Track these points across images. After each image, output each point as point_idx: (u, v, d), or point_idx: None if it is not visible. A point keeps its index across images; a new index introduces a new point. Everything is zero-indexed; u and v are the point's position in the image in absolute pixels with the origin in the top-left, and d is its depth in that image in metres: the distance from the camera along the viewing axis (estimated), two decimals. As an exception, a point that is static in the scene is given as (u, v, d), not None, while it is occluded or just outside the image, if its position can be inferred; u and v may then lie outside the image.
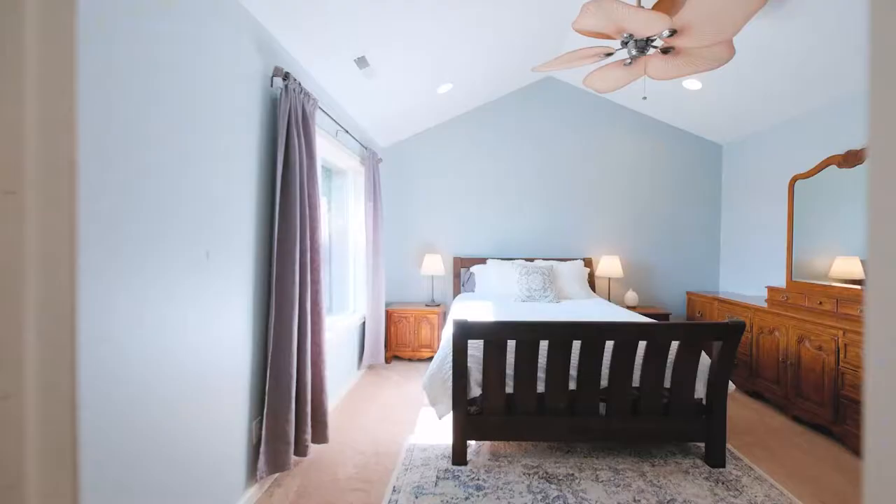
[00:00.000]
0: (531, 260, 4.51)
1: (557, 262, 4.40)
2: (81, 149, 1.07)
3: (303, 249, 2.29)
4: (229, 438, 1.86)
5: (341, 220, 4.03)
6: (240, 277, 1.92)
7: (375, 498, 2.10)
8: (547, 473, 2.30)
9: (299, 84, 2.29)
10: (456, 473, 2.30)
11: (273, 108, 2.24)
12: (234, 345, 1.88)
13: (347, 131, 3.32)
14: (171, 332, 1.47)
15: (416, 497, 2.09)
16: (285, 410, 2.10)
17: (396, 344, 4.38)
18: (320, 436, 2.41)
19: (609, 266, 4.45)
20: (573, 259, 4.58)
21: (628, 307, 4.31)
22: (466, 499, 2.07)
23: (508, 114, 4.68)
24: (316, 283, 2.41)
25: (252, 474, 2.04)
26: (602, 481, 2.22)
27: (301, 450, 2.26)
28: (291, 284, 2.15)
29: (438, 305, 4.50)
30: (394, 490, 2.15)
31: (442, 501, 2.05)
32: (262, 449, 2.05)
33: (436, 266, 4.46)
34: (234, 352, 1.89)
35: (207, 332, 1.68)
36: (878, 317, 0.35)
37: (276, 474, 2.20)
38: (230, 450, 1.87)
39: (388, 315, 4.37)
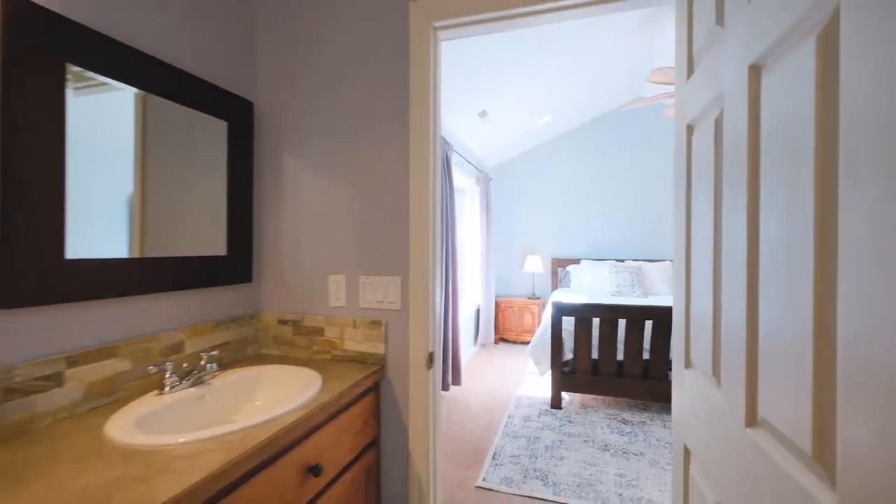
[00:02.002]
0: (621, 261, 5.13)
1: (646, 263, 4.95)
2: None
3: (446, 250, 3.38)
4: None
5: (459, 227, 5.13)
6: (413, 268, 3.06)
7: (497, 420, 3.09)
8: (624, 419, 3.06)
9: (444, 138, 3.40)
10: (553, 413, 3.18)
11: (428, 156, 3.37)
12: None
13: (470, 162, 4.40)
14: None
15: (525, 421, 3.03)
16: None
17: (503, 328, 5.35)
18: (456, 379, 3.49)
19: (698, 267, 4.85)
20: (661, 260, 5.07)
21: (717, 305, 4.68)
22: (561, 426, 2.95)
23: (598, 132, 5.35)
24: (455, 272, 3.50)
25: (417, 395, 3.17)
26: (668, 427, 2.91)
27: (445, 386, 3.35)
28: (442, 272, 3.24)
29: (538, 298, 5.36)
30: (509, 417, 3.11)
31: (543, 425, 2.96)
32: (423, 380, 3.18)
33: (536, 265, 5.33)
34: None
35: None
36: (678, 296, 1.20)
37: (430, 399, 3.32)
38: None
39: (497, 304, 5.36)
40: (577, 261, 5.38)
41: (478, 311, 5.13)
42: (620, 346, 3.18)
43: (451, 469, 2.42)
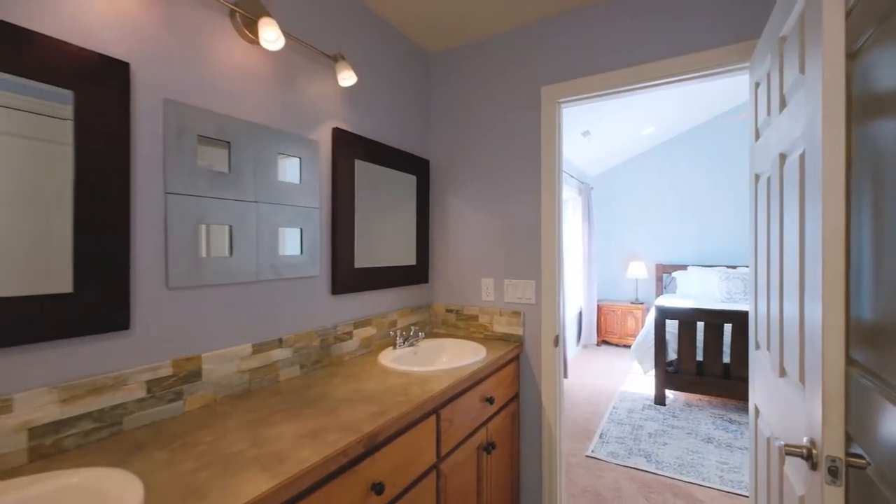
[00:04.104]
0: (733, 267, 5.04)
1: (762, 270, 4.82)
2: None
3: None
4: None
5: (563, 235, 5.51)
6: (526, 273, 3.60)
7: (601, 409, 3.47)
8: (730, 419, 3.22)
9: (551, 159, 3.88)
10: (657, 408, 3.46)
11: (537, 176, 3.89)
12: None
13: (572, 175, 4.80)
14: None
15: (629, 413, 3.36)
16: (546, 350, 3.69)
17: (606, 331, 5.59)
18: (563, 372, 3.93)
19: (826, 274, 4.59)
20: (781, 267, 4.88)
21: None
22: (664, 419, 3.23)
23: (704, 139, 5.31)
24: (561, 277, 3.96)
25: (529, 382, 3.70)
26: (778, 430, 3.02)
27: (553, 377, 3.82)
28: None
29: (642, 303, 5.50)
30: (613, 408, 3.47)
31: (647, 417, 3.27)
32: (534, 369, 3.69)
33: (639, 271, 5.48)
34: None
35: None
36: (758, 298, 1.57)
37: (540, 387, 3.82)
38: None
39: (599, 308, 5.62)
40: (683, 267, 5.40)
41: (580, 313, 5.46)
42: (727, 350, 3.34)
43: (563, 441, 2.89)
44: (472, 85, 2.12)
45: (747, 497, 2.24)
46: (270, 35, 1.24)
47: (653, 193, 5.68)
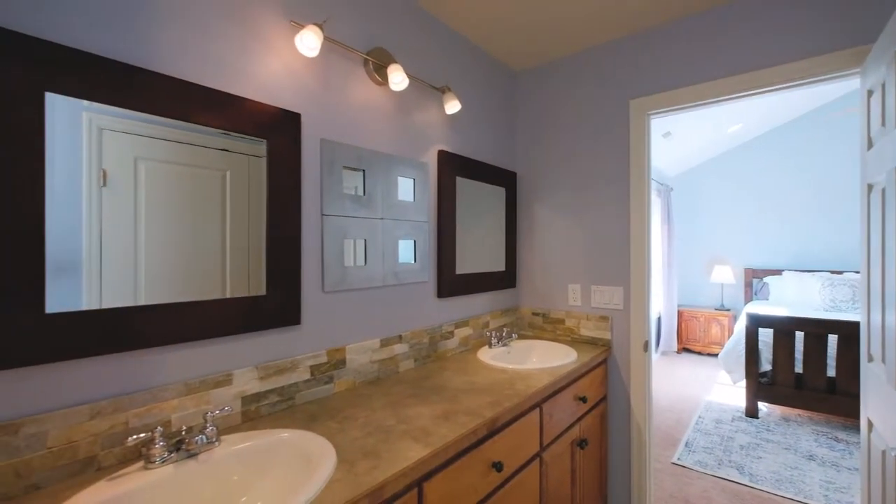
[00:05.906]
0: (838, 273, 4.59)
1: (874, 276, 4.35)
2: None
3: (633, 262, 3.80)
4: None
5: (639, 238, 5.36)
6: (604, 277, 3.60)
7: (685, 418, 3.38)
8: (836, 437, 2.99)
9: (630, 163, 3.84)
10: (748, 420, 3.30)
11: (615, 180, 3.87)
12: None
13: (652, 178, 4.67)
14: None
15: (717, 423, 3.25)
16: (625, 355, 3.66)
17: (687, 338, 5.35)
18: (643, 378, 3.86)
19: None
20: None
21: None
22: (758, 433, 3.08)
23: (800, 133, 4.88)
24: (640, 283, 3.90)
25: (607, 387, 3.69)
26: None
27: (632, 383, 3.77)
28: (628, 283, 3.70)
29: (728, 310, 5.19)
30: (699, 418, 3.36)
31: (737, 429, 3.14)
32: (612, 374, 3.68)
33: (725, 275, 5.17)
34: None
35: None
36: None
37: (618, 393, 3.79)
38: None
39: (680, 314, 5.39)
40: (777, 271, 5.02)
41: (659, 319, 5.27)
42: (831, 363, 3.10)
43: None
44: (556, 99, 2.23)
45: (858, 519, 2.11)
46: (397, 78, 1.47)
47: (740, 193, 5.33)
